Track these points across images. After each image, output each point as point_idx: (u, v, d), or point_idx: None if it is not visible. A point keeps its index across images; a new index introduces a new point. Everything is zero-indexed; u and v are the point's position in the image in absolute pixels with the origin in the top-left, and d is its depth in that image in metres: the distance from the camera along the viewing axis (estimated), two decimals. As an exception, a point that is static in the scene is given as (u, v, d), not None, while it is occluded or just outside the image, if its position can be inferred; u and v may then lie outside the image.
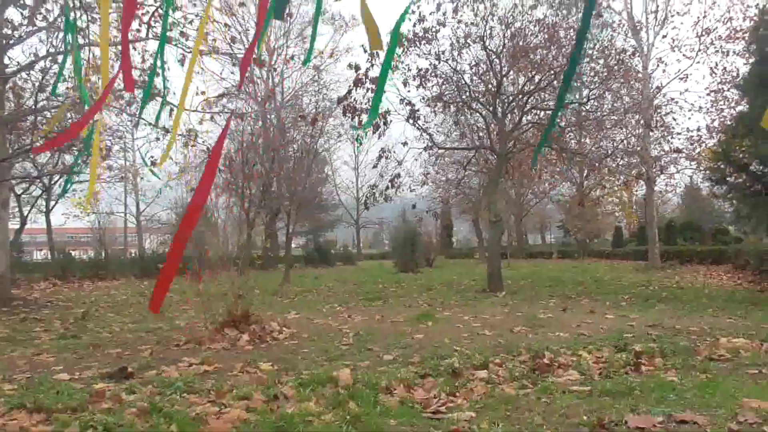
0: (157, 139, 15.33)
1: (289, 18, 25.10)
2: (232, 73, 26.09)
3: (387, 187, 17.09)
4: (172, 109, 14.44)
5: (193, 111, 14.97)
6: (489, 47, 15.74)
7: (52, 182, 27.42)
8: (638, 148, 21.25)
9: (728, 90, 23.45)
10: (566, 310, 10.53)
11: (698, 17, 23.89)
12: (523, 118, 17.19)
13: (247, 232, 25.73)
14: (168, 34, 14.24)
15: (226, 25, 16.80)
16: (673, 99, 24.19)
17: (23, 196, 28.26)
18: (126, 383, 5.00)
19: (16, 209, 27.33)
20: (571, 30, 15.88)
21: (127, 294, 15.62)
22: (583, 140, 21.91)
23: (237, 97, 24.10)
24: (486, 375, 5.22)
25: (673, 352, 6.14)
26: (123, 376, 5.38)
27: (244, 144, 28.01)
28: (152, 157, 16.39)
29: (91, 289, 17.74)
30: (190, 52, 14.31)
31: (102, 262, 23.91)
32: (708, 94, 24.17)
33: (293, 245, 45.28)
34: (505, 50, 15.79)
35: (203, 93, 15.15)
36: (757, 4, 21.92)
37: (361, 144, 19.11)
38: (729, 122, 21.28)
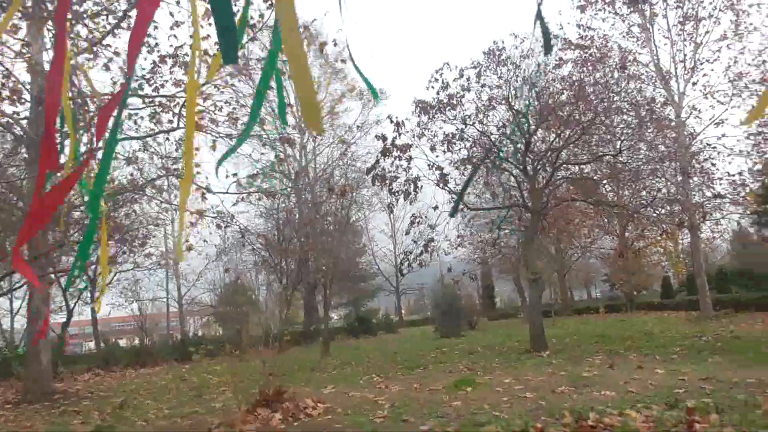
0: (192, 224, 15.59)
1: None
2: (262, 154, 26.83)
3: (421, 253, 16.97)
4: (204, 193, 14.81)
5: (226, 193, 15.27)
6: (515, 107, 15.84)
7: (97, 274, 28.01)
8: (678, 197, 20.76)
9: (769, 132, 22.93)
10: (613, 366, 10.02)
11: (729, 63, 23.67)
12: (555, 174, 17.04)
13: (286, 308, 25.79)
14: (199, 121, 14.77)
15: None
16: (710, 144, 23.70)
17: (70, 289, 28.87)
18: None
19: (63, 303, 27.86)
20: (598, 85, 15.93)
21: (167, 379, 15.55)
22: (620, 192, 21.57)
23: (270, 176, 24.67)
24: (526, 442, 4.93)
25: (730, 407, 5.72)
26: (150, 464, 5.24)
27: (281, 221, 28.51)
28: (187, 241, 16.64)
29: (133, 377, 17.75)
30: (221, 136, 14.79)
31: (144, 348, 24.05)
32: (747, 138, 23.64)
33: (335, 317, 45.14)
34: (532, 109, 15.87)
35: (234, 175, 15.40)
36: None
37: (392, 212, 19.23)
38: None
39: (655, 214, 18.40)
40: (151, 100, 13.91)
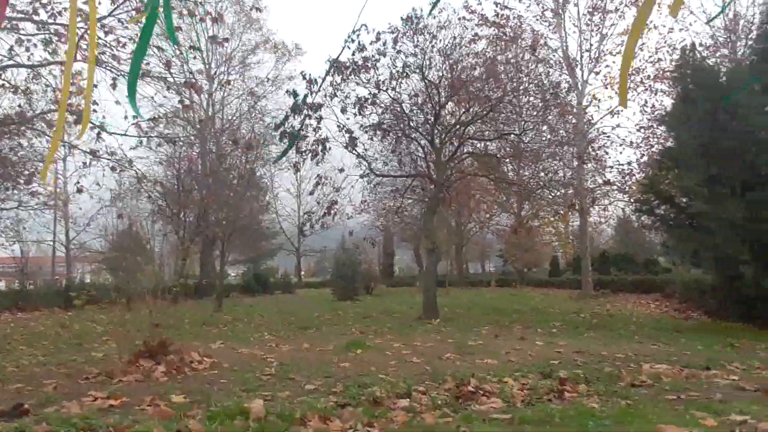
0: (85, 164, 14.63)
1: (226, 43, 24.86)
2: (165, 97, 25.58)
3: (324, 214, 16.92)
4: (99, 132, 13.92)
5: (124, 135, 14.42)
6: (428, 78, 15.92)
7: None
8: (573, 181, 21.79)
9: (657, 127, 24.44)
10: (498, 337, 10.51)
11: (629, 58, 24.97)
12: (461, 148, 17.38)
13: (181, 260, 25.03)
14: (100, 57, 13.81)
15: (159, 48, 16.42)
16: (604, 133, 25.03)
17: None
18: (17, 422, 4.59)
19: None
20: (510, 64, 16.29)
21: (46, 325, 14.77)
22: (521, 171, 22.38)
23: (173, 122, 23.60)
24: (408, 404, 5.06)
25: (597, 378, 6.14)
26: (17, 413, 4.95)
27: (181, 170, 27.43)
28: (78, 183, 15.69)
29: (9, 321, 16.73)
30: (123, 75, 13.90)
31: (23, 292, 22.67)
32: (638, 130, 25.12)
33: (232, 274, 44.35)
34: (444, 81, 16.00)
35: (134, 117, 14.51)
36: (683, 46, 23.18)
37: (298, 170, 18.86)
38: (657, 157, 22.19)
39: (550, 196, 19.26)
40: (44, 26, 12.80)
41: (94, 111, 14.50)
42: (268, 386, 6.07)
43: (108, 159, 14.96)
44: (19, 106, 15.42)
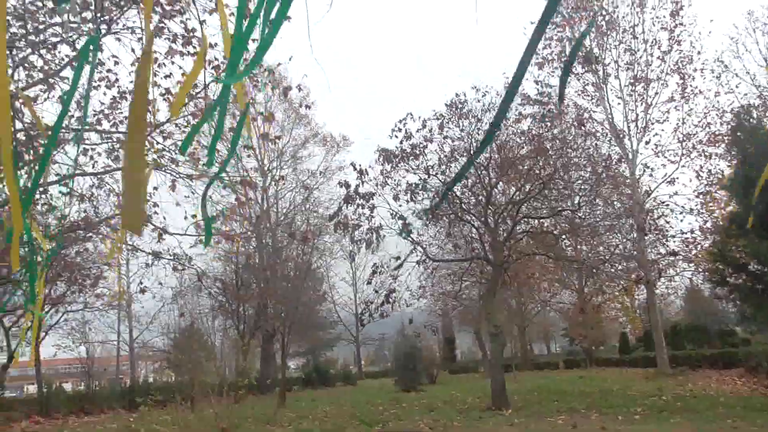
0: (147, 264, 14.97)
1: (278, 140, 25.75)
2: (222, 196, 26.35)
3: (382, 303, 16.72)
4: (160, 234, 14.33)
5: (184, 235, 14.79)
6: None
7: (45, 314, 26.79)
8: (635, 253, 21.07)
9: (716, 192, 23.70)
10: (576, 427, 9.84)
11: (677, 124, 24.61)
12: (516, 227, 17.13)
13: (243, 356, 25.06)
14: (160, 160, 14.40)
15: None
16: (663, 202, 24.38)
17: (13, 329, 27.47)
18: None
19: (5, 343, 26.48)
20: (556, 140, 16.22)
21: (111, 430, 14.73)
22: (579, 247, 21.81)
23: (230, 219, 24.15)
24: None
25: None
26: None
27: (240, 266, 27.93)
28: (141, 283, 16.03)
29: (75, 425, 16.80)
30: (181, 177, 14.41)
31: (88, 394, 22.92)
32: (697, 196, 24.38)
33: (292, 366, 44.01)
34: (492, 162, 16.02)
35: (193, 216, 14.93)
36: (732, 109, 22.74)
37: (354, 260, 18.90)
38: (721, 222, 21.34)
39: (612, 270, 18.62)
40: (108, 135, 13.48)
41: (156, 213, 15.03)
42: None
43: (169, 258, 15.33)
44: (85, 211, 16.09)
